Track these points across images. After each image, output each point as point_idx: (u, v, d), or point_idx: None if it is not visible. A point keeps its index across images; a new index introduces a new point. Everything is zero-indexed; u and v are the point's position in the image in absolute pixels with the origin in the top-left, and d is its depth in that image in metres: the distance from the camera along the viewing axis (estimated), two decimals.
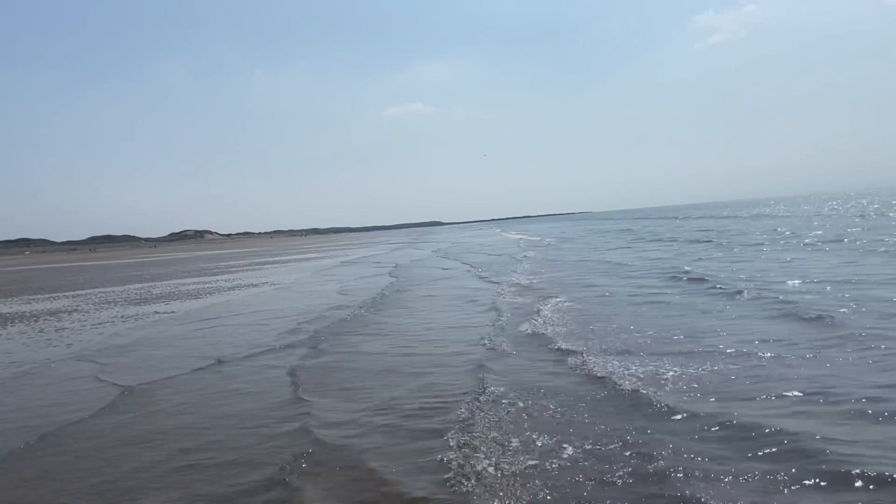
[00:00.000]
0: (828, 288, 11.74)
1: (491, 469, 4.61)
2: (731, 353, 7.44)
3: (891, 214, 40.21)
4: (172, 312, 16.86)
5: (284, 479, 4.81)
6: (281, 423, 6.24)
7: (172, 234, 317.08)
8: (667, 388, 6.23)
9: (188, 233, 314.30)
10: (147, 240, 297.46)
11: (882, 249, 18.41)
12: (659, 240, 34.97)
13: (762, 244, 24.69)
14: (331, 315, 13.65)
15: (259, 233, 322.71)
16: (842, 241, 22.90)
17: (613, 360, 7.54)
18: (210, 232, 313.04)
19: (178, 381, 8.46)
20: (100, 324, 15.36)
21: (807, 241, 24.35)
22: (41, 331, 14.86)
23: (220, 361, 9.51)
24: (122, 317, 16.55)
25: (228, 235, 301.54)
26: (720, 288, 12.87)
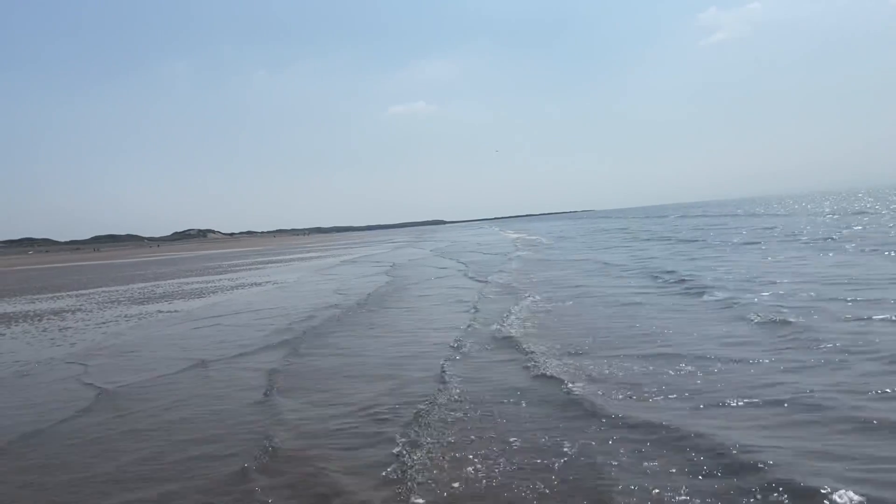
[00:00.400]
0: (804, 289, 11.99)
1: (437, 473, 4.93)
2: (686, 356, 7.73)
3: (886, 213, 40.45)
4: (175, 311, 17.42)
5: (240, 481, 5.12)
6: (248, 424, 6.59)
7: (176, 234, 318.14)
8: (615, 394, 6.50)
9: (191, 232, 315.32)
10: (150, 239, 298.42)
11: (871, 248, 18.68)
12: (653, 239, 35.41)
13: (757, 243, 24.99)
14: (323, 315, 14.19)
15: (262, 232, 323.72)
16: (838, 239, 23.21)
17: (569, 361, 7.94)
18: (213, 231, 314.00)
19: (161, 382, 8.88)
20: (103, 323, 15.89)
21: (804, 239, 24.73)
22: (44, 330, 15.40)
23: (207, 362, 9.95)
24: (125, 316, 17.08)
25: (231, 235, 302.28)
26: (697, 289, 13.27)
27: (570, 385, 6.87)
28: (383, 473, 5.01)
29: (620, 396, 6.41)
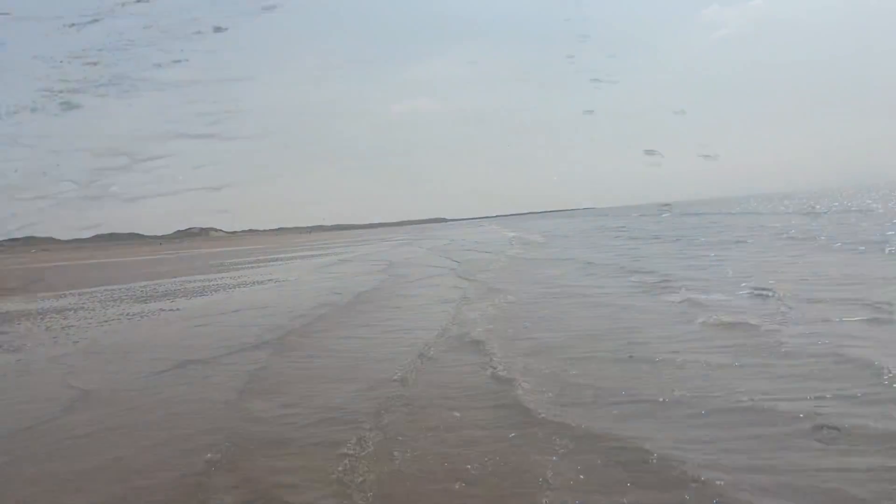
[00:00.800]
0: (779, 289, 12.20)
1: (384, 474, 5.24)
2: (643, 360, 7.98)
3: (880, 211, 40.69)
4: (176, 310, 17.95)
5: (191, 483, 5.37)
6: (214, 425, 6.87)
7: (178, 232, 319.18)
8: (560, 397, 6.75)
9: (193, 230, 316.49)
10: (153, 237, 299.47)
11: (864, 247, 18.86)
12: (647, 238, 35.88)
13: (750, 242, 25.26)
14: (315, 314, 14.71)
15: (264, 230, 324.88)
16: (832, 238, 23.45)
17: (528, 363, 8.30)
18: (215, 229, 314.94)
19: (150, 382, 9.18)
20: (105, 321, 16.39)
21: (799, 237, 25.07)
22: (47, 328, 15.91)
23: (196, 361, 10.32)
24: (127, 314, 17.55)
25: (233, 233, 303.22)
26: (671, 289, 13.68)
27: (519, 388, 7.20)
28: (332, 474, 5.28)
29: (565, 401, 6.67)
